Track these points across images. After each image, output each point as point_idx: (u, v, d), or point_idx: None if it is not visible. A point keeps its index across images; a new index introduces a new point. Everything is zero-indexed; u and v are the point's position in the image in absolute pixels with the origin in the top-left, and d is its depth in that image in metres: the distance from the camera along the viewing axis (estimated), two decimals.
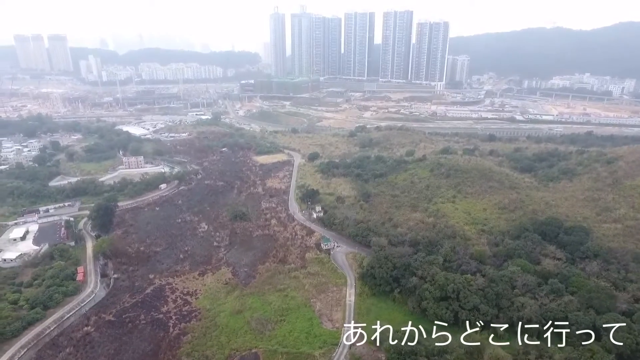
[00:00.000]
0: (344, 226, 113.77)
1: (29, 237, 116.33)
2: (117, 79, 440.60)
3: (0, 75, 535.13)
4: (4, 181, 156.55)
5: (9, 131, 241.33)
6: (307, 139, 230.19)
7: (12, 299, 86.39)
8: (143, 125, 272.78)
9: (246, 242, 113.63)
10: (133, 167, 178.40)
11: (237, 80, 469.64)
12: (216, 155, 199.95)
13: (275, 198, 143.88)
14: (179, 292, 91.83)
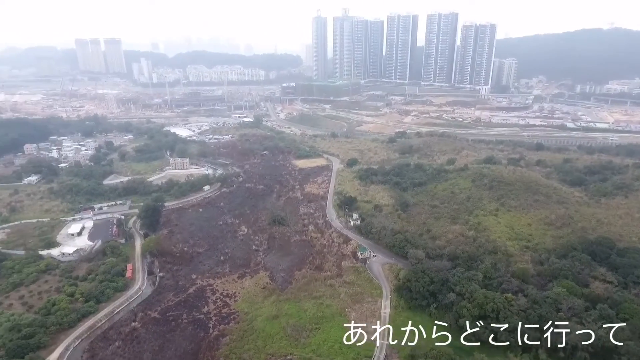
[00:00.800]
0: (380, 236, 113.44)
1: (84, 233, 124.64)
2: (166, 81, 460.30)
3: (61, 76, 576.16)
4: (64, 178, 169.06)
5: (69, 130, 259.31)
6: (346, 143, 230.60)
7: (69, 291, 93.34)
8: (189, 127, 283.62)
9: (284, 247, 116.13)
10: (179, 168, 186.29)
11: (279, 83, 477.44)
12: (257, 159, 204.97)
13: (313, 203, 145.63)
14: (219, 293, 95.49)
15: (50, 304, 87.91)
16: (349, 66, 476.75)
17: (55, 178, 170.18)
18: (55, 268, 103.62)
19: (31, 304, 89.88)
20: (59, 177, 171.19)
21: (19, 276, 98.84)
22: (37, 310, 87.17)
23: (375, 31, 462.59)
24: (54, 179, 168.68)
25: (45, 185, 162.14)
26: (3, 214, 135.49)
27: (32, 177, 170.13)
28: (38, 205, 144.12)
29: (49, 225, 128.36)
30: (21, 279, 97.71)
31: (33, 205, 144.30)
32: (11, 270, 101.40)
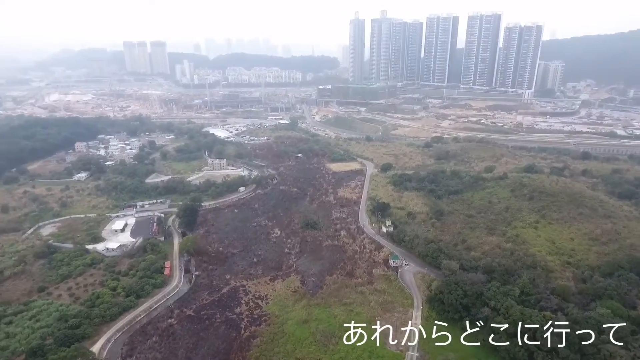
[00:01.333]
0: (413, 244, 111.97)
1: (127, 229, 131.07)
2: (206, 82, 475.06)
3: (110, 77, 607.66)
4: (110, 176, 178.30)
5: (115, 129, 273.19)
6: (381, 147, 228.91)
7: (112, 285, 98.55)
8: (227, 128, 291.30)
9: (315, 252, 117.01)
10: (216, 168, 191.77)
11: (315, 85, 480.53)
12: (292, 161, 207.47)
13: (346, 208, 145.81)
14: (251, 295, 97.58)
15: (95, 297, 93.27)
16: (385, 68, 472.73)
17: (102, 175, 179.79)
18: (100, 262, 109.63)
19: (78, 295, 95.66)
20: (105, 175, 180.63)
21: (68, 269, 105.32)
22: (82, 302, 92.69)
23: (414, 33, 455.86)
24: (101, 177, 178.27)
25: (93, 182, 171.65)
26: (55, 209, 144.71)
27: (81, 174, 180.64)
28: (86, 201, 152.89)
29: (95, 220, 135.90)
30: (69, 272, 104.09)
31: (82, 201, 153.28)
32: (61, 263, 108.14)
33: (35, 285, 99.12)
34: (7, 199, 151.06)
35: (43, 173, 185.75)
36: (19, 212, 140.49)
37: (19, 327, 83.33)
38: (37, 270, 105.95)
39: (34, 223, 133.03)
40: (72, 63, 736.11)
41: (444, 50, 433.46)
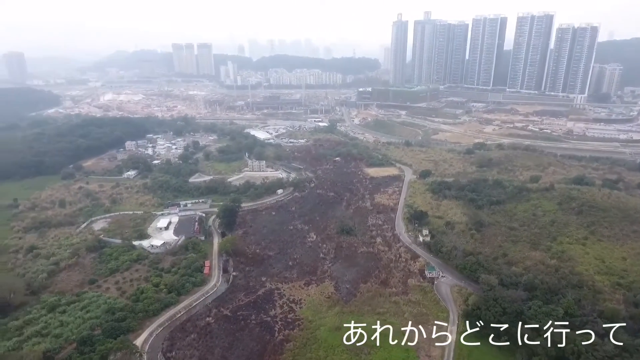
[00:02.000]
0: (451, 256, 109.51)
1: (170, 227, 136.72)
2: (249, 84, 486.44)
3: (159, 77, 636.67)
4: (156, 175, 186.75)
5: (162, 129, 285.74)
6: (421, 153, 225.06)
7: (155, 282, 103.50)
8: (267, 130, 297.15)
9: (350, 258, 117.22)
10: (256, 170, 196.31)
11: (356, 87, 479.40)
12: (329, 164, 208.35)
13: (382, 215, 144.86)
14: (286, 298, 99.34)
15: (139, 292, 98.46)
16: (428, 71, 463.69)
17: (149, 174, 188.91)
18: (145, 258, 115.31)
19: (124, 289, 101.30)
20: (152, 173, 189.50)
21: (116, 263, 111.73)
22: (128, 296, 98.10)
23: (458, 34, 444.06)
24: (148, 175, 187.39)
25: (141, 180, 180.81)
26: (106, 205, 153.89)
27: (130, 172, 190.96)
28: (134, 199, 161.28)
29: (142, 218, 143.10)
30: (117, 266, 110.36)
31: (130, 198, 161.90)
32: (110, 257, 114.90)
33: (86, 278, 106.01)
34: (65, 194, 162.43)
35: (96, 170, 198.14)
36: (74, 207, 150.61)
37: (71, 317, 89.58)
38: (89, 263, 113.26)
39: (87, 218, 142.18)
40: (125, 64, 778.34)
41: (490, 52, 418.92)
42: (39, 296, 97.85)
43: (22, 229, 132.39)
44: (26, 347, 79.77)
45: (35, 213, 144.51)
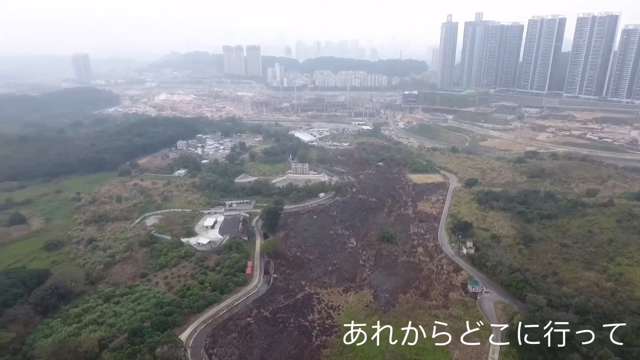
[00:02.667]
0: (496, 271, 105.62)
1: (216, 226, 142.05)
2: (294, 85, 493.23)
3: (210, 78, 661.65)
4: (204, 174, 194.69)
5: (211, 129, 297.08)
6: (467, 160, 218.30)
7: (200, 279, 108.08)
8: (311, 132, 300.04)
9: (390, 267, 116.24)
10: (299, 172, 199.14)
11: (401, 90, 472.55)
12: (372, 169, 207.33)
13: (424, 224, 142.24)
14: (324, 304, 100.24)
15: (186, 288, 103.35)
16: (477, 74, 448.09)
17: (198, 173, 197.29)
18: (192, 256, 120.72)
19: (172, 285, 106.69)
20: (200, 173, 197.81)
21: (165, 259, 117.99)
22: (175, 292, 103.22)
23: (512, 36, 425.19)
24: (197, 174, 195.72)
25: (190, 179, 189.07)
26: (157, 202, 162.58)
27: (180, 171, 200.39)
28: (183, 197, 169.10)
29: (190, 216, 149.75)
30: (166, 262, 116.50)
31: (180, 196, 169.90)
32: (160, 253, 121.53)
33: (138, 271, 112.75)
34: (121, 190, 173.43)
35: (150, 168, 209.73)
36: (129, 203, 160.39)
37: (124, 308, 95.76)
38: (141, 257, 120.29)
39: (140, 213, 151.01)
40: (179, 65, 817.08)
41: (547, 55, 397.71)
42: (96, 286, 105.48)
43: (83, 222, 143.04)
44: (84, 333, 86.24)
45: (95, 207, 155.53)
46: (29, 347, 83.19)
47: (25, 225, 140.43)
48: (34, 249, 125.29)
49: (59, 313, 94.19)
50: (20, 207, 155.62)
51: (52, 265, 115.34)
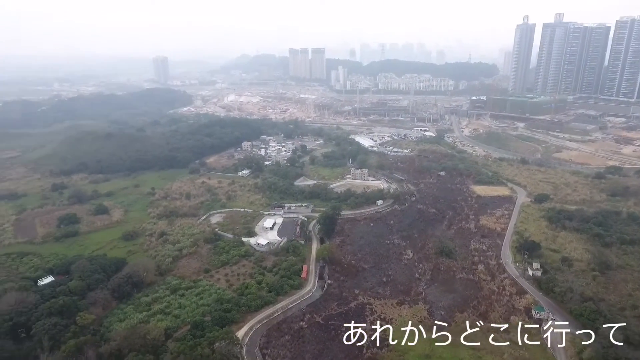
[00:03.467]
0: (565, 298, 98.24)
1: (275, 228, 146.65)
2: (357, 88, 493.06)
3: (275, 80, 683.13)
4: (266, 175, 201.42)
5: (275, 131, 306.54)
6: (538, 173, 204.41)
7: (258, 279, 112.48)
8: (371, 137, 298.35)
9: (447, 282, 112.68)
10: (358, 178, 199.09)
11: (468, 94, 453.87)
12: (433, 178, 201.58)
13: (487, 240, 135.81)
14: (377, 315, 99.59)
15: (244, 287, 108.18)
16: (554, 79, 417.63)
17: (260, 174, 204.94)
18: (251, 255, 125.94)
19: (231, 282, 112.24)
20: (263, 174, 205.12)
21: (227, 256, 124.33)
22: (234, 289, 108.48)
23: (596, 39, 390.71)
24: (259, 175, 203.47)
25: (253, 180, 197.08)
26: (222, 200, 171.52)
27: (244, 171, 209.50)
28: (246, 197, 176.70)
29: (251, 216, 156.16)
30: (228, 259, 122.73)
31: (242, 196, 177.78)
32: (222, 250, 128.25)
33: (202, 266, 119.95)
34: (190, 188, 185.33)
35: (217, 167, 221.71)
36: (197, 200, 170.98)
37: (188, 301, 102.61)
38: (205, 253, 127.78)
39: (206, 211, 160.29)
40: (247, 67, 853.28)
41: (637, 59, 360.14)
42: (164, 277, 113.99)
43: (156, 216, 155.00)
44: (152, 321, 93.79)
45: (167, 202, 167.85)
46: (106, 329, 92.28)
47: (107, 216, 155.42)
48: (113, 238, 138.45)
49: (132, 300, 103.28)
50: (103, 199, 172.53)
51: (128, 254, 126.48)
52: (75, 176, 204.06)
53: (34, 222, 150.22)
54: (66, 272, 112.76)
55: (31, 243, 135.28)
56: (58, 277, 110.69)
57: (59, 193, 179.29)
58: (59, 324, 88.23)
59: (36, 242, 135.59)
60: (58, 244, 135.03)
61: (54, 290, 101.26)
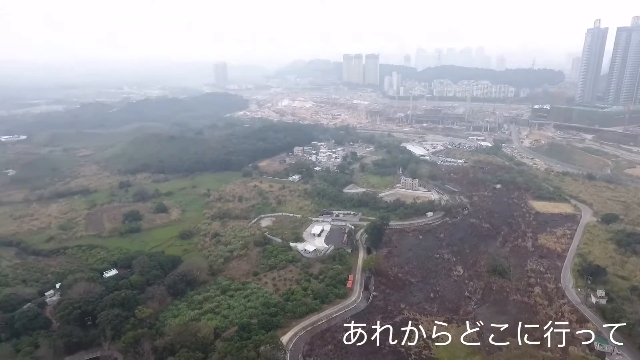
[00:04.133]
0: (633, 331, 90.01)
1: (322, 235, 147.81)
2: (411, 95, 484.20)
3: (328, 85, 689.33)
4: (316, 181, 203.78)
5: (326, 137, 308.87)
6: (607, 190, 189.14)
7: (304, 286, 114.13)
8: (424, 145, 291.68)
9: (499, 304, 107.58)
10: (408, 188, 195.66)
11: (530, 103, 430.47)
12: (488, 191, 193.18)
13: (545, 260, 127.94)
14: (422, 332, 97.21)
15: (290, 293, 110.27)
16: (629, 88, 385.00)
17: (310, 180, 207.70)
18: (298, 261, 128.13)
19: (278, 287, 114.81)
20: (312, 179, 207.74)
21: (275, 260, 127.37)
22: (281, 294, 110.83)
23: None
24: (309, 181, 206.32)
25: (303, 185, 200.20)
26: (272, 204, 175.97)
27: (295, 176, 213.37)
28: (295, 202, 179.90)
29: (300, 221, 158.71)
30: (275, 264, 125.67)
31: (292, 201, 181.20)
32: (270, 254, 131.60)
33: (251, 269, 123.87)
34: (243, 190, 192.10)
35: (268, 171, 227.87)
36: (248, 203, 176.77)
37: (236, 302, 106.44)
38: (254, 256, 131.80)
39: (257, 214, 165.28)
40: (301, 72, 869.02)
41: None
42: (216, 277, 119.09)
43: (210, 216, 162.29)
44: (203, 320, 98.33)
45: (221, 204, 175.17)
46: (161, 323, 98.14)
47: (166, 214, 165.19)
48: (171, 236, 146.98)
49: (185, 297, 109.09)
50: (163, 198, 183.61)
51: (183, 253, 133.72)
52: (139, 175, 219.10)
53: (102, 217, 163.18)
54: (128, 266, 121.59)
55: (99, 236, 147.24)
56: (121, 270, 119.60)
57: (125, 190, 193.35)
58: (121, 315, 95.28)
59: (103, 236, 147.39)
60: (122, 238, 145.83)
61: (117, 283, 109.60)
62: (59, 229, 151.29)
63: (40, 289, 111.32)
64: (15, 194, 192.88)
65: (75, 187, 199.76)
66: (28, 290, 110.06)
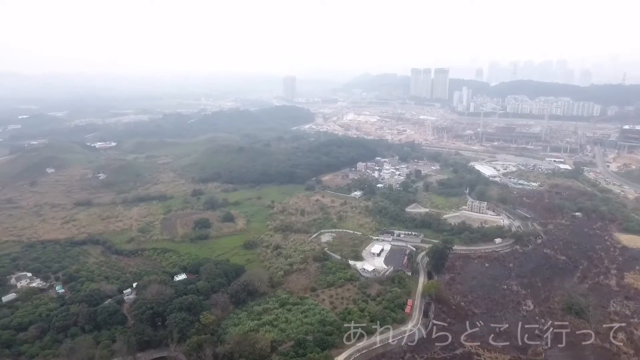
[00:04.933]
0: None
1: (382, 255, 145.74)
2: (481, 111, 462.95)
3: (395, 100, 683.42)
4: (377, 199, 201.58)
5: (390, 153, 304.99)
6: None
7: (361, 306, 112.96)
8: (494, 165, 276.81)
9: (574, 347, 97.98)
10: (475, 211, 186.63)
11: (619, 122, 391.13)
12: (566, 219, 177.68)
13: (632, 303, 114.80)
14: None
15: (347, 312, 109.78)
16: None
17: (372, 196, 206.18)
18: (356, 280, 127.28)
19: (335, 305, 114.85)
20: (374, 197, 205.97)
21: (333, 278, 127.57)
22: (337, 313, 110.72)
23: None
24: (371, 197, 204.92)
25: (364, 202, 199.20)
26: (333, 220, 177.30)
27: (357, 192, 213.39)
28: (356, 219, 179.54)
29: (360, 239, 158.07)
30: (334, 281, 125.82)
31: (353, 218, 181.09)
32: (329, 270, 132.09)
33: (309, 284, 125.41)
34: (305, 204, 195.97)
35: (331, 185, 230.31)
36: (310, 217, 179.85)
37: (294, 317, 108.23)
38: (313, 271, 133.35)
39: (318, 229, 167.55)
40: (368, 86, 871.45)
41: None
42: (275, 290, 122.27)
43: (273, 228, 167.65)
44: (261, 331, 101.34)
45: (284, 216, 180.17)
46: (223, 331, 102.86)
47: (232, 224, 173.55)
48: (236, 245, 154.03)
49: (246, 307, 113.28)
50: (231, 207, 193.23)
51: (246, 262, 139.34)
52: (210, 184, 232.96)
53: (176, 222, 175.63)
54: (196, 272, 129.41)
55: (172, 241, 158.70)
56: (189, 275, 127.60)
57: (197, 198, 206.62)
58: (187, 319, 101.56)
59: (176, 241, 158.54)
60: (192, 244, 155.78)
61: (185, 287, 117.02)
62: (139, 232, 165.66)
63: (119, 287, 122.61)
64: (104, 196, 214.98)
65: (154, 193, 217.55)
66: (110, 287, 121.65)
